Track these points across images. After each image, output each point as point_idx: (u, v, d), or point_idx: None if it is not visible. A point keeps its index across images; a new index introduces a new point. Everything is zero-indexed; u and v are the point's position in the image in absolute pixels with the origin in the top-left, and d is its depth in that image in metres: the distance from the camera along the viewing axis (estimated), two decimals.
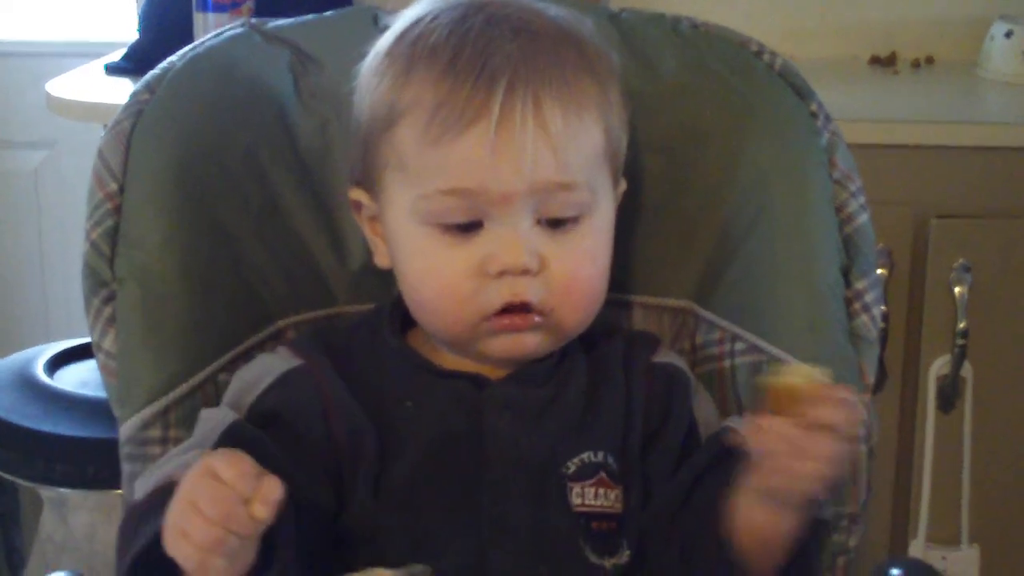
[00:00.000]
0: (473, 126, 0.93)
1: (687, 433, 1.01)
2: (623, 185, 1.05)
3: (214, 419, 0.97)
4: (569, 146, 0.95)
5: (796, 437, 0.85)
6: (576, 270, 0.98)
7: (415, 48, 0.97)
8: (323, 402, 0.98)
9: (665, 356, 1.06)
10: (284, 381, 0.99)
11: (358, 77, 1.02)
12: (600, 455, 0.98)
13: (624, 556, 0.97)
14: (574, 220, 0.98)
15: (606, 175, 1.01)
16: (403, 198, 0.98)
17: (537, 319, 0.97)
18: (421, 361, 1.01)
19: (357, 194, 1.04)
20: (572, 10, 1.02)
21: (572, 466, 0.97)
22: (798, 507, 0.89)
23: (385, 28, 1.02)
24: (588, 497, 0.96)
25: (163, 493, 0.85)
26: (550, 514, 0.95)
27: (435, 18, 0.98)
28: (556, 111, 0.94)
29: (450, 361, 1.01)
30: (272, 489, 0.81)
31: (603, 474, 0.97)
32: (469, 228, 0.96)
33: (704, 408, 1.04)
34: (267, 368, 1.01)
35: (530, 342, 0.98)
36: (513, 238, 0.95)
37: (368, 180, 1.02)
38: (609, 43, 1.05)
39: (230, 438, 0.93)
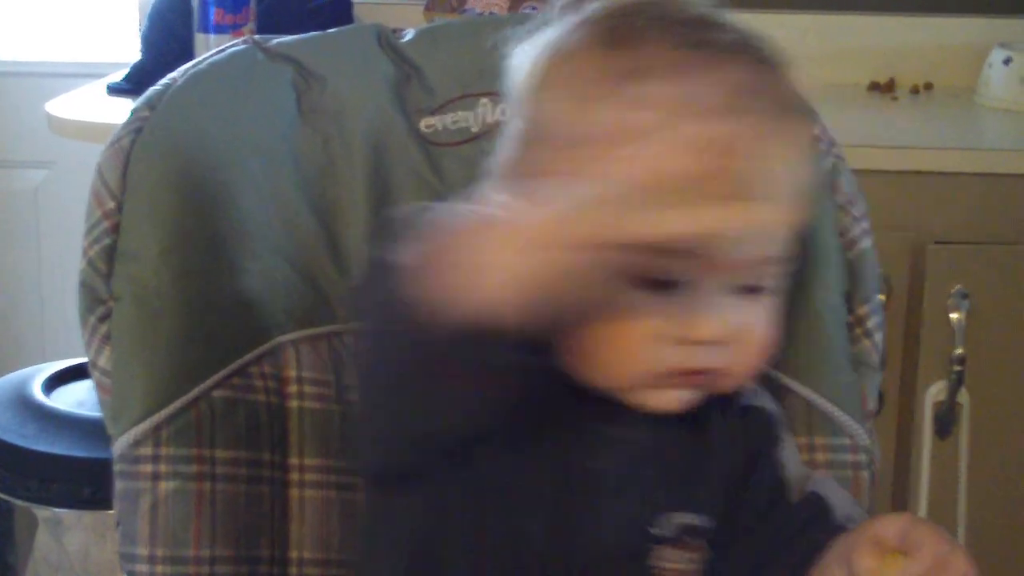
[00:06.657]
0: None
1: (773, 482, 0.95)
2: None
3: None
4: (795, 221, 0.87)
5: None
6: (763, 340, 0.89)
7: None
8: None
9: (754, 397, 0.98)
10: None
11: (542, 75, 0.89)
12: (690, 516, 0.91)
13: None
14: (767, 289, 0.89)
15: None
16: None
17: (703, 379, 0.88)
18: None
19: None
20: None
21: (662, 526, 0.91)
22: None
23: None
24: (668, 558, 0.91)
25: None
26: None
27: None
28: (790, 183, 0.85)
29: None
30: None
31: (687, 535, 0.91)
32: (667, 287, 0.84)
33: (790, 452, 0.98)
34: None
35: (684, 399, 0.89)
36: (718, 307, 0.85)
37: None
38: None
39: None
